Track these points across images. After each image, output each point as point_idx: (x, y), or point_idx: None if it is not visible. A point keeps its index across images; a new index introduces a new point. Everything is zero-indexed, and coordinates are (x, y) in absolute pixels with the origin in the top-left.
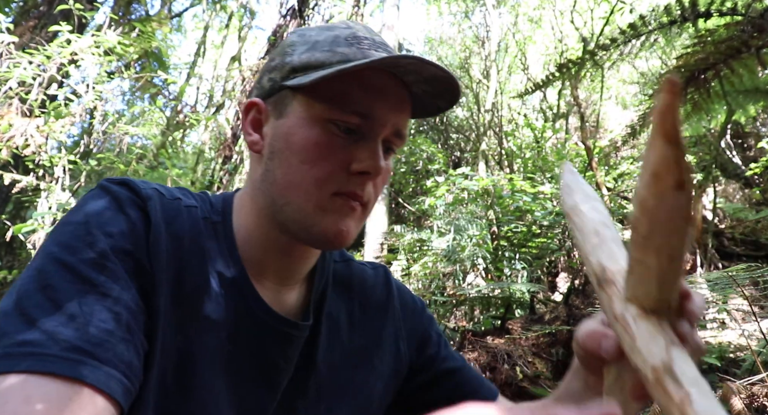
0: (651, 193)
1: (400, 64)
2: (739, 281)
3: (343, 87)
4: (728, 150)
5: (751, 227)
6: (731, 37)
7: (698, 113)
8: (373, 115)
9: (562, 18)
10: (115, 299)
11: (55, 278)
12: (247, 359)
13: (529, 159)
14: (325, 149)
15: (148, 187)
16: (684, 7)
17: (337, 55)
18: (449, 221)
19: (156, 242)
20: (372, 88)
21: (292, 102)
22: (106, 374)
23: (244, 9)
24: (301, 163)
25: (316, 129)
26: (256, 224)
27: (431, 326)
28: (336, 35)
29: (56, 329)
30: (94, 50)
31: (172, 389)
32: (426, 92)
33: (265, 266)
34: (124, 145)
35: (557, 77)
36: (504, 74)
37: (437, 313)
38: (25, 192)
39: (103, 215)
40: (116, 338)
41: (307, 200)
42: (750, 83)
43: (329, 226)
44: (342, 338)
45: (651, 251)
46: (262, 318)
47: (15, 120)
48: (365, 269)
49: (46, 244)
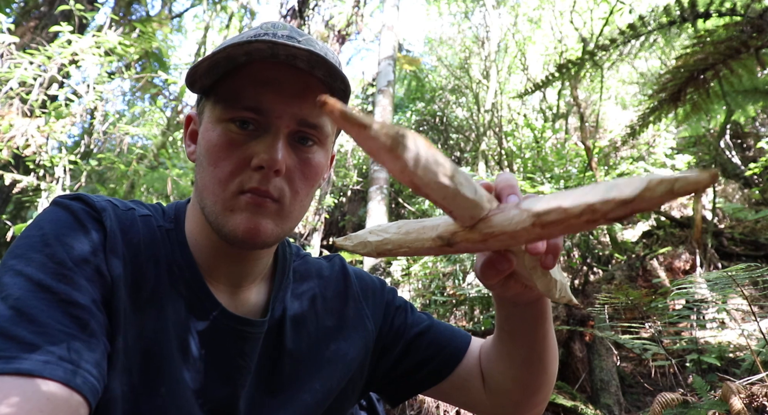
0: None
1: (252, 49)
2: (739, 281)
3: (235, 85)
4: (727, 150)
5: (751, 226)
6: (730, 37)
7: (698, 113)
8: (265, 107)
9: (562, 18)
10: (75, 304)
11: (15, 289)
12: (206, 358)
13: (529, 159)
14: (225, 149)
15: (101, 199)
16: (683, 7)
17: (219, 53)
18: None
19: (113, 249)
20: (261, 82)
21: (204, 109)
22: (74, 373)
23: (244, 9)
24: (208, 166)
25: (217, 130)
26: (200, 231)
27: (393, 299)
28: (237, 35)
29: (21, 335)
30: (94, 51)
31: (139, 388)
32: (325, 77)
33: (217, 269)
34: (124, 145)
35: (557, 77)
36: (504, 74)
37: (437, 313)
38: (25, 192)
39: (60, 227)
40: (80, 340)
41: (215, 202)
42: (749, 83)
43: (238, 224)
44: (308, 326)
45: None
46: (217, 318)
47: (16, 120)
48: (321, 261)
49: (6, 258)
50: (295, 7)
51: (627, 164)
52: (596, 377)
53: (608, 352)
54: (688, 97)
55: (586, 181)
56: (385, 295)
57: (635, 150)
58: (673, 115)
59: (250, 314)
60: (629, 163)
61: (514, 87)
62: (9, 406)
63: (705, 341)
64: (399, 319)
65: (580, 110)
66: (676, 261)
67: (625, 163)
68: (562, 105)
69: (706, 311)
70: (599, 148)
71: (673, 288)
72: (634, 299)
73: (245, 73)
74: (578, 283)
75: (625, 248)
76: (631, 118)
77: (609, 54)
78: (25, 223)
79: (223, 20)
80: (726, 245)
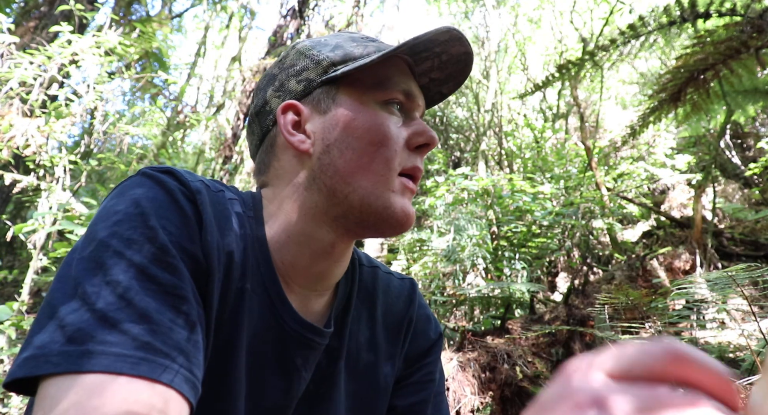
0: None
1: (440, 40)
2: (739, 281)
3: (385, 71)
4: (728, 150)
5: (751, 227)
6: (730, 37)
7: (698, 113)
8: (413, 92)
9: (562, 18)
10: (181, 298)
11: (119, 273)
12: (269, 362)
13: (529, 159)
14: (389, 129)
15: (194, 179)
16: (683, 7)
17: (369, 48)
18: (449, 221)
19: (209, 239)
20: (404, 72)
21: (336, 95)
22: (183, 377)
23: (244, 9)
24: (369, 145)
25: (374, 111)
26: (299, 225)
27: (435, 364)
28: (350, 36)
29: (133, 330)
30: (94, 51)
31: (207, 385)
32: (433, 80)
33: (298, 268)
34: (124, 145)
35: (557, 78)
36: (504, 74)
37: (437, 313)
38: (25, 192)
39: (158, 207)
40: (187, 338)
41: (377, 182)
42: (749, 83)
43: (401, 207)
44: (360, 348)
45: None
46: (287, 322)
47: (16, 120)
48: (392, 278)
49: (98, 232)
50: (295, 7)
51: (627, 164)
52: None
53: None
54: (688, 97)
55: (586, 181)
56: (431, 354)
57: (635, 150)
58: (673, 115)
59: (315, 321)
60: (629, 163)
61: (514, 87)
62: (129, 407)
63: (705, 341)
64: (418, 388)
65: (580, 110)
66: (676, 261)
67: (625, 163)
68: (562, 105)
69: (706, 311)
70: (599, 148)
71: (673, 288)
72: (634, 299)
73: (389, 62)
74: (578, 283)
75: (625, 248)
76: (631, 118)
77: (609, 54)
78: (25, 223)
79: (223, 20)
80: (726, 245)
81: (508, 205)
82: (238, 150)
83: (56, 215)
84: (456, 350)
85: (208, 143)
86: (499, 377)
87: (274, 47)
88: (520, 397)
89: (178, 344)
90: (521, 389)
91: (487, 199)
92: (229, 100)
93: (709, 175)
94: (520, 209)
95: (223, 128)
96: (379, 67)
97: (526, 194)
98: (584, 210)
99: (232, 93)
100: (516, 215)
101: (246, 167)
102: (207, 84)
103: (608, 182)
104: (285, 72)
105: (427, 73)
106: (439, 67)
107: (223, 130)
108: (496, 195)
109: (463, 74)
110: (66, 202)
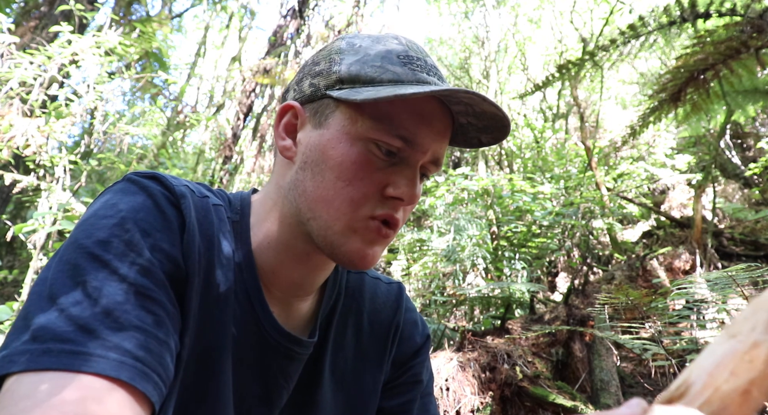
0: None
1: (457, 97)
2: (739, 281)
3: (391, 108)
4: (728, 150)
5: (751, 226)
6: (730, 37)
7: (698, 113)
8: (417, 141)
9: (562, 18)
10: (155, 301)
11: (92, 276)
12: (249, 371)
13: (529, 159)
14: (363, 169)
15: (179, 184)
16: (683, 7)
17: (388, 74)
18: (449, 221)
19: (190, 243)
20: (419, 114)
21: (334, 113)
22: (146, 377)
23: (244, 9)
24: (337, 180)
25: (356, 147)
26: (277, 231)
27: (422, 365)
28: (388, 50)
29: (99, 330)
30: (94, 51)
31: (191, 392)
32: (471, 124)
33: (279, 274)
34: (124, 145)
35: (557, 78)
36: (504, 74)
37: (437, 313)
38: (25, 192)
39: (139, 211)
40: (157, 340)
41: (336, 219)
42: (749, 83)
43: (357, 248)
44: (346, 355)
45: None
46: (269, 332)
47: (16, 120)
48: (379, 282)
49: (77, 235)
50: (295, 7)
51: (627, 164)
52: (596, 377)
53: (608, 352)
54: (688, 97)
55: (586, 181)
56: (418, 356)
57: (635, 150)
58: (673, 115)
59: (298, 329)
60: (629, 163)
61: (514, 87)
62: (88, 405)
63: (705, 341)
64: (404, 389)
65: (580, 110)
66: (676, 261)
67: (625, 163)
68: (562, 105)
69: (706, 311)
70: (599, 148)
71: (673, 288)
72: (634, 299)
73: (403, 101)
74: (578, 283)
75: (625, 248)
76: (631, 118)
77: (609, 54)
78: (25, 223)
79: (223, 20)
80: (726, 245)
81: (508, 206)
82: (238, 150)
83: (56, 215)
84: (456, 350)
85: (208, 143)
86: (499, 377)
87: (274, 47)
88: (520, 397)
89: (147, 344)
90: (521, 389)
91: (487, 199)
92: (229, 100)
93: (709, 175)
94: (520, 209)
95: (223, 128)
96: (384, 102)
97: (526, 194)
98: (584, 210)
99: (232, 93)
100: (516, 215)
101: (246, 167)
102: (207, 84)
103: (608, 182)
104: (309, 68)
105: (462, 114)
106: (474, 115)
107: (223, 130)
108: (496, 195)
109: (501, 132)
110: (66, 203)
